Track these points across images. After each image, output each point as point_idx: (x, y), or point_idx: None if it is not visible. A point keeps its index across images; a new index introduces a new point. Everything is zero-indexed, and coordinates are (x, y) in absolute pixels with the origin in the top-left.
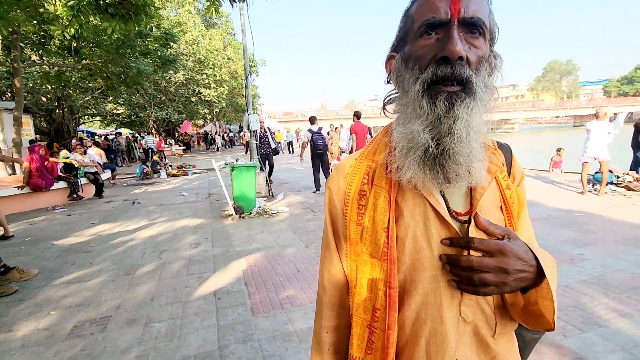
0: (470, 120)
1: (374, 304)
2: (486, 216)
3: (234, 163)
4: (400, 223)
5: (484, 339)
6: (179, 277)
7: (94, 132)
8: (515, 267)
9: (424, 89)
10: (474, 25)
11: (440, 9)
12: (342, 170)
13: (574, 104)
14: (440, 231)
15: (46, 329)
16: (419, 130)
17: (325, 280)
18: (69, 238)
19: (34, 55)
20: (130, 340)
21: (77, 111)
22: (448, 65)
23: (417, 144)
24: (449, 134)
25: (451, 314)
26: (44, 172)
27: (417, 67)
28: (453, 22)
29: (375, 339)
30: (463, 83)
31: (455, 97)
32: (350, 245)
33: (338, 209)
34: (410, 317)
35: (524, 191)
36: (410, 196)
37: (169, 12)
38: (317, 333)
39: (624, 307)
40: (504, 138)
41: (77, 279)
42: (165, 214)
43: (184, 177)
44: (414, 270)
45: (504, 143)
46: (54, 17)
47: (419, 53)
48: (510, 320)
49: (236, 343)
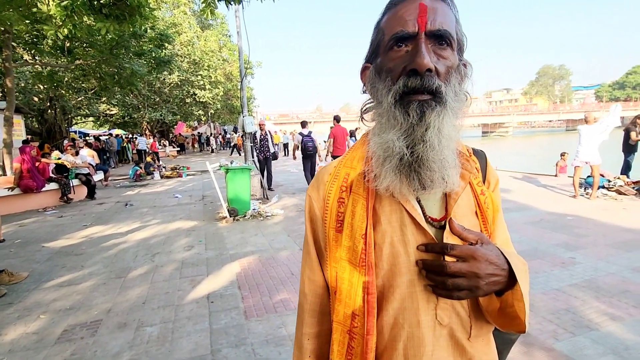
0: (441, 128)
1: (353, 310)
2: (461, 221)
3: (229, 165)
4: (378, 229)
5: (459, 341)
6: (171, 280)
7: (87, 133)
8: (487, 271)
9: (396, 100)
10: (441, 37)
11: (408, 22)
12: (322, 178)
13: (567, 109)
14: (417, 237)
15: (35, 333)
16: (393, 139)
17: (306, 287)
18: (60, 240)
19: (26, 54)
20: (121, 344)
21: (69, 111)
22: (418, 77)
23: (392, 153)
24: (422, 141)
25: (427, 317)
26: (35, 173)
27: (389, 79)
28: (421, 35)
29: (355, 344)
30: (433, 93)
31: (426, 106)
32: (329, 252)
33: (318, 216)
34: (388, 322)
35: (498, 196)
36: (387, 203)
37: (164, 13)
38: (298, 340)
39: (615, 310)
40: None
41: (67, 282)
42: (159, 216)
43: (177, 178)
44: (392, 276)
45: (478, 149)
46: (47, 17)
47: (390, 65)
48: (486, 323)
49: (229, 347)
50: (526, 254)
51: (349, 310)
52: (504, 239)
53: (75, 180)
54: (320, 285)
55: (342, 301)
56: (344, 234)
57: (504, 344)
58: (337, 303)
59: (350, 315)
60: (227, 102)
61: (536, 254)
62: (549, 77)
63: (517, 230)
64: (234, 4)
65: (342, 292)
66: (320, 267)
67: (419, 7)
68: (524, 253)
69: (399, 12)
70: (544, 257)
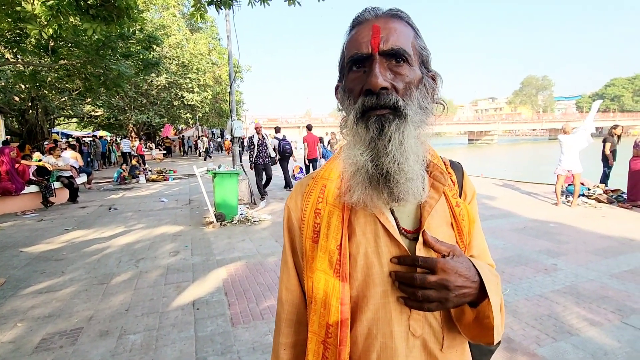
0: (403, 140)
1: (327, 320)
2: (436, 232)
3: (216, 169)
4: (353, 240)
5: (432, 352)
6: (156, 287)
7: (70, 134)
8: (456, 283)
9: (357, 117)
10: (396, 55)
11: (361, 45)
12: (300, 189)
13: (550, 118)
14: (390, 248)
15: (11, 342)
16: (357, 154)
17: (283, 296)
18: (39, 245)
19: (8, 53)
20: (102, 353)
21: (52, 112)
22: (373, 95)
23: (359, 167)
24: (385, 154)
25: (400, 328)
26: (14, 175)
27: (351, 99)
28: (375, 56)
29: (329, 355)
30: (392, 108)
31: (384, 119)
32: (306, 262)
33: (295, 226)
34: (362, 333)
35: (474, 208)
36: (362, 214)
37: (152, 15)
38: (275, 349)
39: (594, 316)
40: (484, 149)
41: (46, 288)
42: (144, 221)
43: (163, 182)
44: (366, 287)
45: (456, 162)
46: (31, 16)
47: (350, 86)
48: (459, 334)
49: (215, 355)
50: (511, 260)
51: (323, 320)
52: (481, 250)
53: (57, 182)
54: (297, 295)
55: (317, 311)
56: (319, 244)
57: (482, 355)
58: (312, 313)
59: (325, 325)
60: (215, 105)
61: (520, 261)
62: (533, 87)
63: (502, 237)
64: (224, 8)
65: (317, 302)
66: (297, 277)
67: (371, 29)
68: (509, 259)
69: (355, 35)
70: (528, 264)
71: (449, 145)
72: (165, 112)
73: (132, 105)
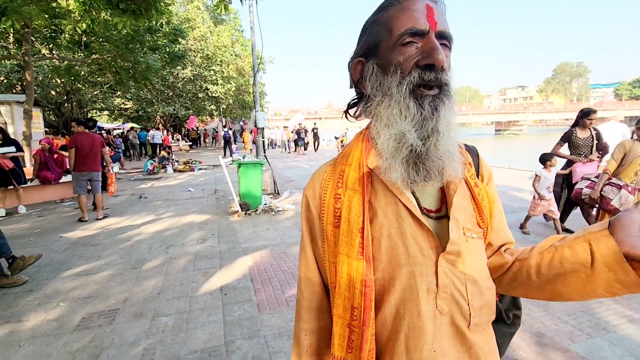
0: (449, 121)
1: (352, 303)
2: (461, 211)
3: (241, 160)
4: (375, 223)
5: (460, 329)
6: (185, 272)
7: (101, 127)
8: None
9: (410, 91)
10: (445, 38)
11: (419, 20)
12: (318, 177)
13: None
14: (413, 228)
15: (55, 320)
16: (408, 129)
17: (303, 283)
18: (77, 231)
19: (44, 49)
20: (137, 333)
21: (85, 105)
22: (433, 71)
23: (405, 144)
24: (433, 133)
25: (428, 307)
26: (52, 164)
27: (400, 72)
28: (432, 33)
29: (355, 337)
30: (442, 87)
31: (438, 100)
32: (327, 248)
33: (314, 214)
34: (390, 313)
35: (493, 189)
36: (383, 196)
37: (177, 8)
38: (296, 335)
39: (633, 312)
40: (512, 140)
41: (85, 271)
42: (172, 209)
43: (190, 172)
44: (391, 268)
45: (470, 145)
46: (65, 12)
47: (401, 59)
48: (486, 312)
49: (243, 339)
50: None
51: (348, 303)
52: (500, 227)
53: None
54: (316, 283)
55: (342, 295)
56: (341, 229)
57: (502, 337)
58: (337, 297)
59: (350, 308)
60: (238, 97)
61: None
62: (567, 75)
63: (533, 230)
64: None
65: (341, 287)
66: (316, 265)
67: (426, 8)
68: None
69: (407, 10)
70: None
71: (475, 136)
72: (190, 104)
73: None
